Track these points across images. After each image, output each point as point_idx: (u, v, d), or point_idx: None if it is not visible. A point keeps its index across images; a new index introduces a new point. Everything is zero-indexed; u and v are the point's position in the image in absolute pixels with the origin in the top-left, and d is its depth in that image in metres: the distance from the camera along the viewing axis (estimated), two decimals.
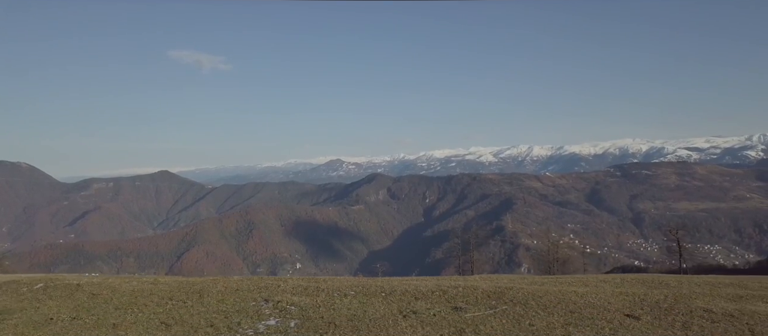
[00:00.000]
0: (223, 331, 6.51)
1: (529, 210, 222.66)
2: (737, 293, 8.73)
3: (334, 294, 8.79)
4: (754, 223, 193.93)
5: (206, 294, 8.84)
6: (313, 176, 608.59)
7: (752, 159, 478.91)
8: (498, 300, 7.84)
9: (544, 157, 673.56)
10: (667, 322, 6.57)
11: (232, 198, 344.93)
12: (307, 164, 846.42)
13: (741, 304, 7.93)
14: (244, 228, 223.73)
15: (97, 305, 8.16)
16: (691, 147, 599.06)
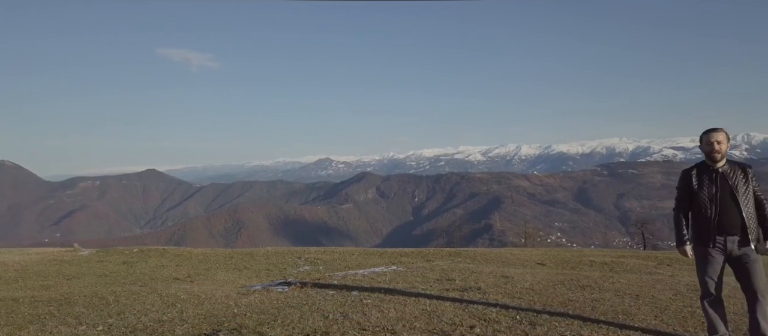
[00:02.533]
0: (276, 272, 10.02)
1: (517, 209, 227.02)
2: (629, 256, 12.51)
3: (345, 254, 12.44)
4: None
5: (255, 256, 12.38)
6: (302, 175, 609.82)
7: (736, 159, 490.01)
8: (457, 256, 11.53)
9: (532, 156, 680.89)
10: (564, 266, 10.26)
11: (221, 197, 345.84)
12: (296, 163, 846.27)
13: (618, 259, 11.67)
14: (232, 227, 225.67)
15: (185, 261, 11.63)
16: (677, 146, 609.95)
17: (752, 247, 3.80)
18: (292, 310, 5.12)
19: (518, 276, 7.46)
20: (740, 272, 3.89)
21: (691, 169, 4.12)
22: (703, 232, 3.95)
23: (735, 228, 3.83)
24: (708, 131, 3.99)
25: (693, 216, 4.04)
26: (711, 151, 3.92)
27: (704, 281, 3.99)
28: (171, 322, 4.71)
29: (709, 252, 3.92)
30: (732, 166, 3.94)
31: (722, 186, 3.87)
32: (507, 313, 4.99)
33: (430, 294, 6.05)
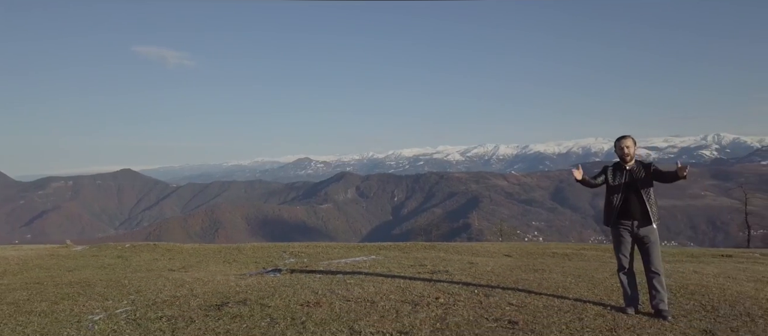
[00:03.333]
0: (263, 264, 10.83)
1: (495, 208, 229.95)
2: (589, 249, 13.70)
3: (328, 248, 13.31)
4: (707, 220, 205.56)
5: (242, 250, 13.16)
6: (281, 175, 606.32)
7: (707, 158, 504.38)
8: (432, 248, 12.53)
9: (509, 155, 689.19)
10: (527, 257, 11.31)
11: (198, 197, 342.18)
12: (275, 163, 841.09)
13: (578, 251, 12.81)
14: (209, 227, 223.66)
15: (176, 254, 12.34)
16: (651, 146, 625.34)
17: (649, 229, 4.89)
18: (286, 288, 6.02)
19: (482, 263, 8.48)
20: (642, 251, 4.98)
21: (610, 165, 5.21)
22: (613, 216, 5.08)
23: (638, 213, 4.92)
24: (619, 138, 5.09)
25: (606, 203, 5.14)
26: (622, 154, 5.02)
27: (618, 258, 5.08)
28: (185, 297, 5.57)
29: (621, 233, 5.01)
30: (638, 165, 5.04)
31: (628, 181, 4.95)
32: (467, 288, 5.98)
33: (404, 275, 7.02)
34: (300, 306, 5.13)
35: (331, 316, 4.79)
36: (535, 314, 4.82)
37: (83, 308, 5.22)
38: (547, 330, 4.34)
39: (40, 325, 4.63)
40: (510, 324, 4.50)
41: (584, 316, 4.81)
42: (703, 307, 5.23)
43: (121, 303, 5.38)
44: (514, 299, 5.41)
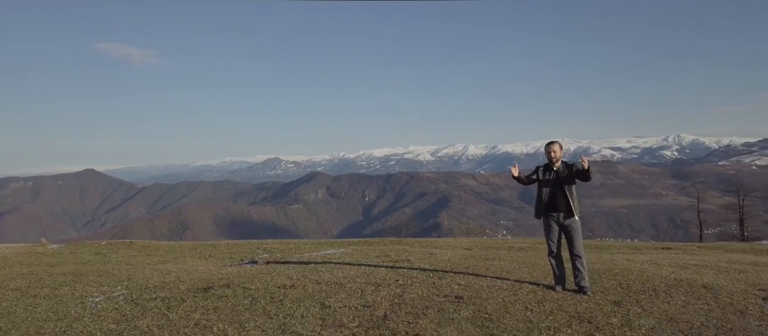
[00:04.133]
0: (239, 258, 11.45)
1: (465, 207, 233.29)
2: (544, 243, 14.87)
3: (299, 244, 14.01)
4: (668, 218, 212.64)
5: (217, 247, 13.71)
6: (250, 175, 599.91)
7: (668, 158, 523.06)
8: (397, 243, 13.43)
9: (479, 156, 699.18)
10: (484, 249, 12.28)
11: (164, 197, 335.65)
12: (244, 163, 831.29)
13: (534, 245, 13.88)
14: (176, 228, 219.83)
15: (153, 251, 12.80)
16: (615, 147, 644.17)
17: (572, 220, 5.84)
18: (264, 275, 6.76)
19: (441, 254, 9.37)
20: (567, 239, 5.94)
21: (541, 166, 6.14)
22: (542, 209, 6.02)
23: (563, 206, 5.86)
24: (548, 143, 6.04)
25: (537, 198, 6.08)
26: (550, 157, 5.97)
27: (548, 243, 6.02)
28: (173, 283, 6.26)
29: (550, 223, 5.96)
30: (563, 166, 5.99)
31: (555, 179, 5.90)
32: (424, 273, 6.85)
33: (370, 264, 7.85)
34: (277, 288, 5.89)
35: (304, 295, 5.57)
36: (479, 291, 5.71)
37: (83, 292, 5.86)
38: (486, 302, 5.22)
39: (47, 306, 5.26)
40: (456, 299, 5.37)
41: (519, 292, 5.73)
42: (619, 285, 6.23)
43: (116, 288, 6.03)
44: (463, 281, 6.30)
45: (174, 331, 4.35)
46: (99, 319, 4.76)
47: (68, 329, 4.46)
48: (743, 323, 4.65)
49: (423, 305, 5.13)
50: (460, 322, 4.58)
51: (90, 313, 4.97)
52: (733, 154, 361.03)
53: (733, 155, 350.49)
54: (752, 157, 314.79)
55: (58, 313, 5.00)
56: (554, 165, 5.99)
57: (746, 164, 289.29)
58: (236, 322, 4.62)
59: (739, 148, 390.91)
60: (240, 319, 4.69)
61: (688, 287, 6.14)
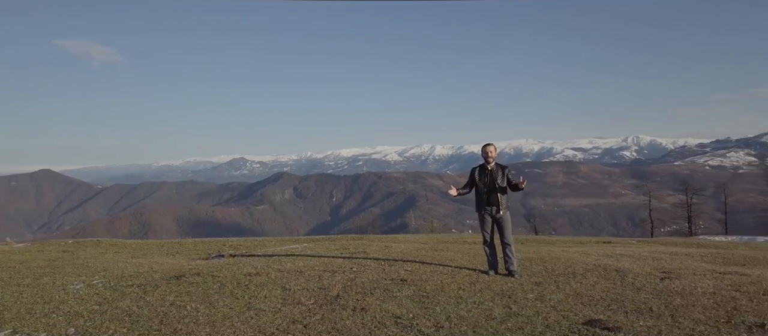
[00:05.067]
0: (203, 256, 11.97)
1: (432, 207, 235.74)
2: None
3: (264, 241, 14.60)
4: (627, 217, 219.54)
5: (183, 244, 14.14)
6: (215, 175, 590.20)
7: (627, 159, 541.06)
8: (359, 239, 14.19)
9: (445, 156, 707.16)
10: (438, 244, 13.18)
11: (125, 198, 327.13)
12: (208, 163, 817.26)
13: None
14: (138, 230, 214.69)
15: (121, 248, 13.14)
16: (577, 147, 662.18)
17: (504, 214, 6.73)
18: (231, 266, 7.43)
19: (396, 247, 10.19)
20: (499, 230, 6.82)
21: (477, 167, 6.99)
22: (480, 204, 6.85)
23: (496, 202, 6.73)
24: (485, 145, 6.90)
25: (475, 194, 6.92)
26: (486, 158, 6.83)
27: (483, 234, 6.91)
28: (147, 273, 6.86)
29: (485, 217, 6.83)
30: (497, 166, 6.86)
31: (490, 178, 6.77)
32: (376, 262, 7.65)
33: (329, 255, 8.60)
34: (243, 275, 6.58)
35: (268, 280, 6.28)
36: (421, 275, 6.54)
37: (63, 281, 6.40)
38: (426, 284, 6.05)
39: (32, 293, 5.81)
40: (401, 281, 6.18)
41: (457, 275, 6.59)
42: (545, 270, 7.17)
43: (94, 278, 6.59)
44: (410, 267, 7.13)
45: (152, 310, 5.00)
46: (82, 302, 5.35)
47: (56, 310, 5.05)
48: (634, 296, 5.62)
49: (371, 286, 5.92)
50: (402, 299, 5.39)
51: (73, 298, 5.55)
52: (688, 154, 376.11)
53: (688, 156, 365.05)
54: (706, 157, 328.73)
55: (43, 298, 5.55)
56: (489, 165, 6.86)
57: (700, 164, 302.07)
58: (207, 302, 5.31)
59: (693, 149, 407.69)
60: (210, 300, 5.38)
61: (603, 271, 7.13)
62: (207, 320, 4.64)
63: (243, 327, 4.43)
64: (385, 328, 4.36)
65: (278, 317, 4.74)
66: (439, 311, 4.91)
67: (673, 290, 5.93)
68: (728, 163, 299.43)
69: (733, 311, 4.97)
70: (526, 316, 4.75)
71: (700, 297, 5.59)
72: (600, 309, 5.05)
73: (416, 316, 4.74)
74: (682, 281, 6.53)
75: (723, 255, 10.78)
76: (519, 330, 4.32)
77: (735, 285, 6.29)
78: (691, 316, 4.77)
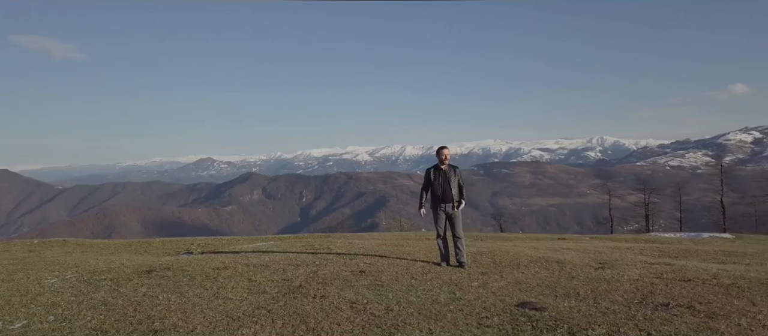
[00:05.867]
0: (172, 253, 12.23)
1: (402, 207, 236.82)
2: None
3: (232, 240, 14.90)
4: (592, 216, 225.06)
5: (151, 243, 14.29)
6: (181, 176, 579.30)
7: (592, 159, 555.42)
8: (325, 237, 14.66)
9: (416, 156, 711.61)
10: (400, 240, 13.77)
11: (88, 199, 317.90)
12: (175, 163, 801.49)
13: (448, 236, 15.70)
14: (101, 232, 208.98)
15: (88, 248, 13.21)
16: (543, 148, 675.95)
17: (456, 210, 7.35)
18: (200, 261, 7.83)
19: (360, 243, 10.73)
20: (451, 225, 7.43)
21: (432, 167, 7.58)
22: (435, 201, 7.43)
23: (449, 200, 7.34)
24: (440, 148, 7.50)
25: (431, 193, 7.50)
26: (440, 159, 7.43)
27: (436, 228, 7.51)
28: (119, 268, 7.20)
29: (438, 212, 7.42)
30: (450, 167, 7.46)
31: (444, 178, 7.37)
32: (339, 256, 8.17)
33: (294, 251, 9.08)
34: (212, 269, 7.00)
35: (235, 273, 6.72)
36: (379, 267, 7.10)
37: (37, 276, 6.69)
38: (382, 274, 6.60)
39: (8, 287, 6.09)
40: (360, 272, 6.72)
41: (411, 267, 7.17)
42: (493, 262, 7.82)
43: (66, 273, 6.90)
44: (369, 261, 7.68)
45: (126, 300, 5.40)
46: (59, 294, 5.69)
47: (33, 301, 5.38)
48: (567, 283, 6.30)
49: (332, 278, 6.44)
50: (359, 287, 5.93)
51: (49, 291, 5.88)
52: (650, 155, 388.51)
53: (649, 156, 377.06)
54: (666, 157, 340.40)
55: (20, 291, 5.86)
56: (443, 166, 7.46)
57: (661, 164, 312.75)
58: (178, 292, 5.73)
59: (655, 150, 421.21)
60: (181, 291, 5.80)
61: (545, 262, 7.83)
62: (178, 307, 5.07)
63: (212, 313, 4.89)
64: (341, 312, 4.89)
65: (244, 304, 5.21)
66: (391, 297, 5.46)
67: (602, 278, 6.65)
68: (687, 163, 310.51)
69: (648, 294, 5.69)
70: (468, 300, 5.35)
71: (624, 283, 6.31)
72: (534, 294, 5.70)
73: (370, 301, 5.28)
74: (613, 270, 7.27)
75: (661, 249, 11.71)
76: (459, 311, 4.91)
77: (658, 273, 7.05)
78: (610, 298, 5.46)
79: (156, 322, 4.58)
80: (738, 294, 5.71)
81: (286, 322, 4.56)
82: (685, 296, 5.54)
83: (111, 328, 4.42)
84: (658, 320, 4.57)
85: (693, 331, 4.22)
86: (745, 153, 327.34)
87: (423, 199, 7.61)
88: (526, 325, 4.42)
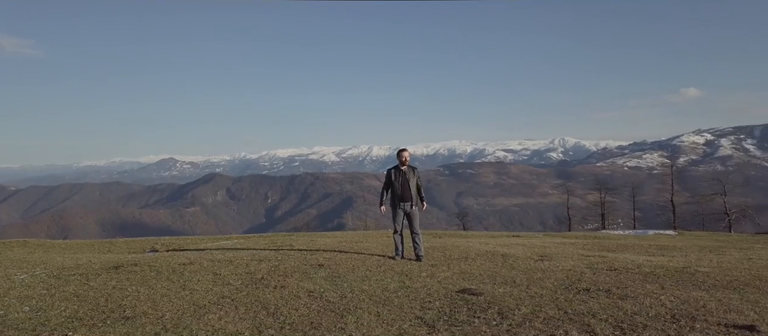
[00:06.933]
0: (137, 252, 12.41)
1: (368, 207, 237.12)
2: None
3: (196, 239, 15.14)
4: (554, 216, 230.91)
5: (114, 243, 14.35)
6: (142, 176, 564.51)
7: (554, 160, 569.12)
8: (288, 236, 15.08)
9: (383, 156, 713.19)
10: (361, 237, 14.34)
11: (43, 201, 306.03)
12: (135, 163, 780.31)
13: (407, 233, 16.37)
14: (56, 234, 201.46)
15: (49, 248, 13.20)
16: (507, 149, 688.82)
17: (414, 208, 7.94)
18: (167, 257, 8.18)
19: (321, 240, 11.23)
20: (409, 221, 8.02)
21: (393, 167, 8.14)
22: (395, 200, 8.00)
23: (408, 199, 7.92)
24: (400, 150, 8.07)
25: (391, 192, 8.05)
26: (400, 160, 7.99)
27: (394, 225, 8.08)
28: (87, 264, 7.49)
29: (397, 210, 7.99)
30: (409, 168, 8.03)
31: (404, 178, 7.94)
32: (300, 252, 8.65)
33: (258, 248, 9.51)
34: (178, 265, 7.39)
35: (201, 268, 7.14)
36: (337, 261, 7.63)
37: (5, 273, 6.93)
38: (340, 267, 7.14)
39: None
40: (319, 266, 7.24)
41: (368, 260, 7.73)
42: (444, 255, 8.46)
43: (35, 270, 7.16)
44: (329, 255, 8.20)
45: (97, 292, 5.76)
46: (30, 288, 6.00)
47: (6, 294, 5.68)
48: (507, 273, 6.98)
49: (292, 270, 6.94)
50: (317, 279, 6.45)
51: (20, 286, 6.17)
52: (609, 155, 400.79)
53: (609, 157, 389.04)
54: (624, 158, 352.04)
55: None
56: (402, 167, 8.03)
57: (619, 165, 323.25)
58: (146, 285, 6.12)
59: (613, 151, 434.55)
60: (149, 284, 6.19)
61: (491, 256, 8.52)
62: (147, 298, 5.48)
63: (179, 302, 5.32)
64: (299, 299, 5.40)
65: (210, 294, 5.65)
66: (346, 286, 6.00)
67: (539, 268, 7.36)
68: (644, 164, 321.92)
69: (575, 281, 6.41)
70: (415, 288, 5.94)
71: (557, 272, 7.03)
72: (475, 282, 6.34)
73: (326, 290, 5.81)
74: (551, 262, 8.01)
75: (602, 244, 12.64)
76: (406, 297, 5.49)
77: (590, 264, 7.83)
78: (541, 285, 6.15)
79: (127, 310, 4.99)
80: (652, 280, 6.50)
81: (248, 308, 5.04)
82: (607, 283, 6.28)
83: (85, 315, 4.80)
84: (576, 301, 5.26)
85: (602, 309, 4.92)
86: (698, 154, 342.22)
87: (383, 198, 8.17)
88: (462, 307, 5.03)
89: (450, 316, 4.70)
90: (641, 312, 4.82)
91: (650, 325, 4.36)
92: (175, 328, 4.36)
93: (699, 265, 7.74)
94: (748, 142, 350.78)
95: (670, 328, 4.27)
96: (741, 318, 4.61)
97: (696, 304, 5.10)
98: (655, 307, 4.98)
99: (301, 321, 4.56)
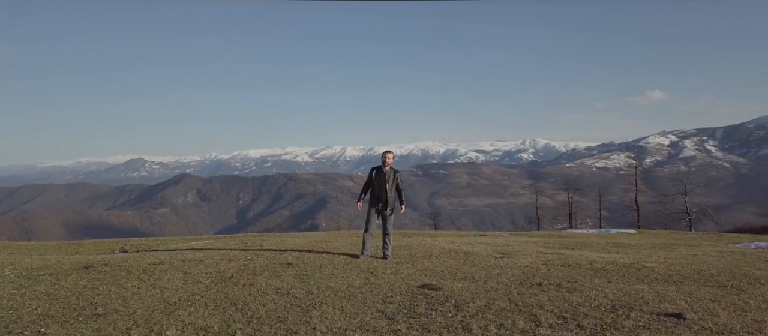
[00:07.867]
0: (107, 252, 12.39)
1: (342, 208, 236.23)
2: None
3: (166, 240, 15.14)
4: (525, 216, 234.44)
5: (82, 245, 14.23)
6: (110, 177, 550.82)
7: (525, 160, 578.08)
8: (259, 236, 15.21)
9: (356, 157, 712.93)
10: (331, 238, 14.60)
11: (4, 203, 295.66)
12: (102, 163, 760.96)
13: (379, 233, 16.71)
14: (18, 236, 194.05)
15: (15, 250, 13.02)
16: (479, 149, 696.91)
17: (387, 210, 8.23)
18: (137, 257, 8.30)
19: (292, 240, 11.45)
20: (383, 221, 8.32)
21: (375, 168, 8.40)
22: (372, 200, 8.28)
23: (384, 200, 8.22)
24: (385, 152, 8.35)
25: (370, 192, 8.33)
26: (384, 162, 8.27)
27: (366, 223, 8.36)
28: (56, 265, 7.56)
29: (372, 210, 8.28)
30: (391, 170, 8.32)
31: (383, 180, 8.23)
32: (269, 252, 8.88)
33: (228, 248, 9.67)
34: (148, 264, 7.52)
35: (171, 267, 7.30)
36: (306, 259, 7.89)
37: None
38: (307, 265, 7.40)
39: None
40: (287, 264, 7.48)
41: (335, 259, 8.01)
42: (409, 254, 8.80)
43: (4, 270, 7.20)
44: (297, 254, 8.45)
45: (68, 291, 5.89)
46: (0, 288, 6.08)
47: None
48: (468, 269, 7.35)
49: (261, 269, 7.17)
50: (285, 277, 6.70)
51: None
52: (578, 156, 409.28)
53: (578, 158, 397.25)
54: (593, 159, 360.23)
55: None
56: (385, 168, 8.32)
57: (588, 166, 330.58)
58: (117, 284, 6.27)
59: (582, 152, 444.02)
60: (120, 283, 6.34)
61: (454, 253, 8.90)
62: (118, 296, 5.65)
63: (150, 300, 5.50)
64: (267, 296, 5.64)
65: (180, 292, 5.85)
66: (312, 284, 6.27)
67: (498, 265, 7.77)
68: (611, 164, 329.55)
69: (530, 276, 6.82)
70: (378, 284, 6.25)
71: (514, 269, 7.44)
72: (436, 278, 6.69)
73: (294, 287, 6.07)
74: (510, 259, 8.43)
75: (563, 242, 13.20)
76: (369, 292, 5.80)
77: (547, 261, 8.27)
78: (498, 280, 6.53)
79: (98, 307, 5.15)
80: (601, 275, 6.96)
81: (217, 304, 5.26)
82: (559, 277, 6.71)
83: (57, 313, 4.96)
84: (527, 294, 5.66)
85: (550, 301, 5.32)
86: (663, 155, 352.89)
87: (362, 195, 8.43)
88: (421, 301, 5.37)
89: (409, 309, 5.03)
90: (585, 303, 5.24)
91: (591, 315, 4.77)
92: (146, 324, 4.56)
93: (647, 261, 8.27)
94: (710, 143, 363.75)
95: (607, 317, 4.69)
96: (672, 307, 5.07)
97: (635, 296, 5.56)
98: (598, 299, 5.41)
99: (269, 316, 4.82)
